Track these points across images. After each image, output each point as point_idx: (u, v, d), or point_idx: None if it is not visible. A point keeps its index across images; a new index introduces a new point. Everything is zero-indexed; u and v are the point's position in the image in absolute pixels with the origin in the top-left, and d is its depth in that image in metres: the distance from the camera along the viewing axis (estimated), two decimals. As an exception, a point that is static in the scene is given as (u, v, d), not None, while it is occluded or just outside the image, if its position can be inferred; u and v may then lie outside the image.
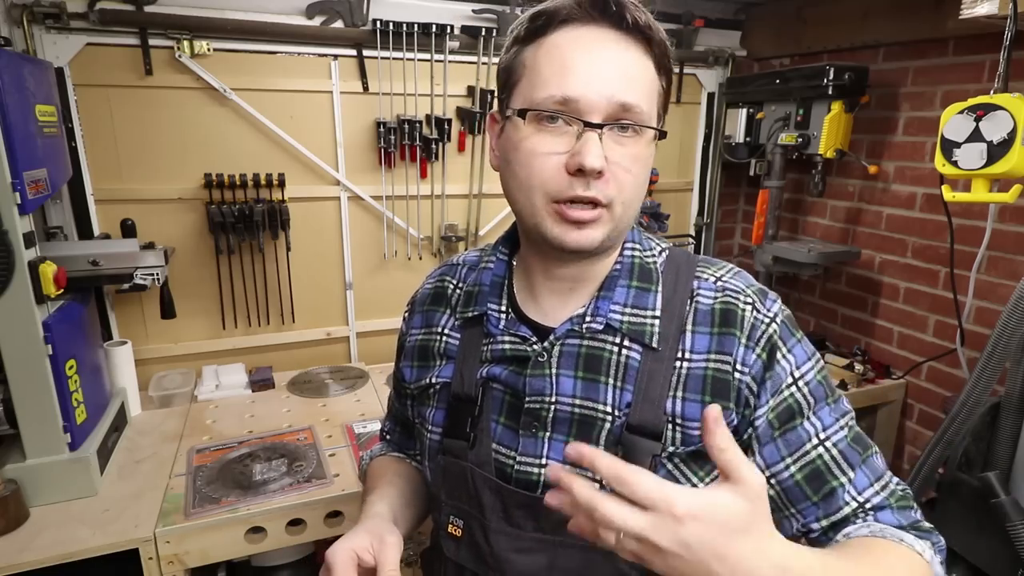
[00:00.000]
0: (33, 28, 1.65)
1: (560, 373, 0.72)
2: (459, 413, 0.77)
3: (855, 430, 0.74)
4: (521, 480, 0.72)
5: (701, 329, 0.71)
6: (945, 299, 1.96)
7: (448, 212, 2.24)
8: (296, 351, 2.17)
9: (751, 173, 2.40)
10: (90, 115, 1.78)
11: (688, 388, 0.70)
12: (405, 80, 2.03)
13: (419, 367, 0.85)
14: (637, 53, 0.66)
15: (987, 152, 1.31)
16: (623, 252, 0.76)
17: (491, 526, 0.72)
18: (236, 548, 1.36)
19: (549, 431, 0.72)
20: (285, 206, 1.95)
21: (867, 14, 2.05)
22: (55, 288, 1.30)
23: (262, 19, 1.87)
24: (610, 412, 0.70)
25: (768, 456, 0.71)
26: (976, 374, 1.34)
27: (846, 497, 0.70)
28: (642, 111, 0.65)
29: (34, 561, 1.20)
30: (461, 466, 0.75)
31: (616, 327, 0.72)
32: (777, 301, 0.74)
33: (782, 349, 0.71)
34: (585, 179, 0.64)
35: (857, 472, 0.71)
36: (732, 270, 0.77)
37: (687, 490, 0.49)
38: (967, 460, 1.42)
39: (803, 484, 0.70)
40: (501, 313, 0.77)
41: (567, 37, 0.65)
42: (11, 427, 1.32)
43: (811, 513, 0.71)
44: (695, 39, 2.44)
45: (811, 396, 0.71)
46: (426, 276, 0.93)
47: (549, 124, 0.65)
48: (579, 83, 0.63)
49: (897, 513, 0.71)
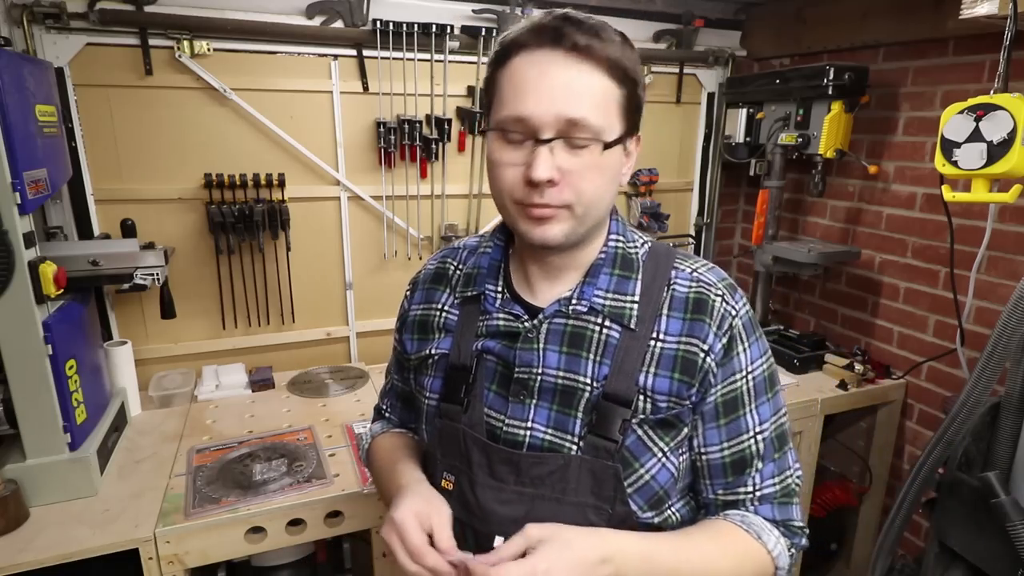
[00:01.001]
0: (33, 28, 1.65)
1: (547, 348, 0.81)
2: (455, 381, 0.86)
3: (783, 427, 0.84)
4: (508, 440, 0.81)
5: (675, 314, 0.80)
6: (945, 299, 1.96)
7: (448, 212, 2.24)
8: (296, 351, 2.17)
9: (751, 173, 2.40)
10: (90, 115, 1.78)
11: (660, 365, 0.79)
12: (405, 80, 2.03)
13: (419, 339, 0.93)
14: (586, 69, 0.72)
15: (987, 152, 1.31)
16: (607, 243, 0.84)
17: (478, 480, 0.81)
18: (236, 548, 1.36)
19: (535, 398, 0.81)
20: (285, 206, 1.95)
21: (867, 14, 2.05)
22: (55, 288, 1.30)
23: (262, 19, 1.87)
24: (589, 383, 0.79)
25: (708, 437, 0.82)
26: (976, 374, 1.33)
27: (750, 484, 0.82)
28: (590, 124, 0.71)
29: (34, 561, 1.20)
30: (455, 428, 0.84)
31: (599, 309, 0.81)
32: (744, 298, 0.83)
33: (744, 342, 0.81)
34: (540, 188, 0.72)
35: (768, 465, 0.82)
36: (707, 265, 0.85)
37: (529, 561, 0.66)
38: (967, 460, 1.42)
39: (727, 466, 0.82)
40: (497, 293, 0.86)
41: (524, 62, 0.73)
42: (11, 427, 1.32)
43: (720, 487, 0.83)
44: (695, 39, 2.44)
45: (755, 390, 0.81)
46: (428, 258, 1.01)
47: (511, 138, 0.74)
48: (530, 103, 0.71)
49: (776, 508, 0.83)
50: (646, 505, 0.80)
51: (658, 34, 2.39)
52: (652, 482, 0.79)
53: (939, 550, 1.47)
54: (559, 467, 0.78)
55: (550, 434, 0.79)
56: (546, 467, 0.78)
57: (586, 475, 0.77)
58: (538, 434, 0.80)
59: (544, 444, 0.79)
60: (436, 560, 0.71)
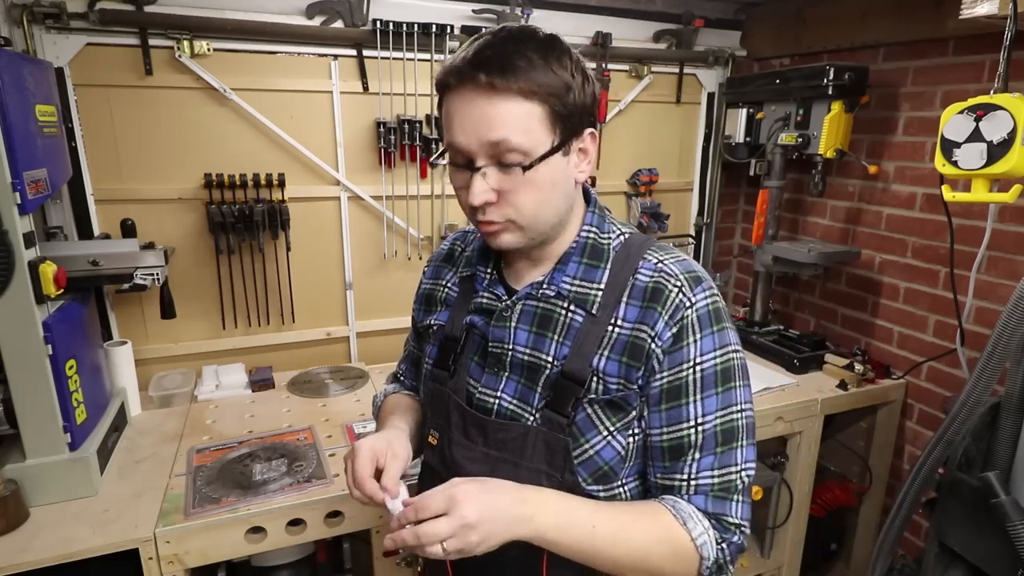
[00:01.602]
0: (33, 28, 1.65)
1: (518, 327, 0.89)
2: (446, 350, 0.96)
3: (732, 423, 0.85)
4: (480, 406, 0.90)
5: (634, 302, 0.85)
6: (945, 299, 1.96)
7: (448, 212, 2.24)
8: (296, 351, 2.17)
9: (751, 173, 2.40)
10: (90, 115, 1.78)
11: (613, 349, 0.84)
12: (405, 80, 2.03)
13: (425, 311, 1.04)
14: (497, 100, 0.76)
15: (987, 152, 1.31)
16: (580, 234, 0.90)
17: (454, 439, 0.91)
18: (236, 548, 1.36)
19: (507, 372, 0.89)
20: (285, 206, 1.95)
21: (867, 14, 2.05)
22: (55, 288, 1.30)
23: (262, 19, 1.87)
24: (551, 361, 0.86)
25: (650, 420, 0.86)
26: (976, 374, 1.33)
27: (685, 471, 0.85)
28: (512, 143, 0.77)
29: (34, 561, 1.20)
30: (442, 391, 0.94)
31: (565, 294, 0.87)
32: (707, 291, 0.85)
33: (695, 334, 0.83)
34: (480, 209, 0.81)
35: (707, 456, 0.84)
36: (677, 257, 0.88)
37: (448, 490, 0.73)
38: (967, 460, 1.42)
39: (665, 451, 0.86)
40: (486, 274, 0.95)
41: (450, 100, 0.80)
42: (11, 427, 1.32)
43: (659, 470, 0.87)
44: (695, 39, 2.44)
45: (702, 382, 0.83)
46: (447, 238, 1.11)
47: (457, 163, 0.82)
48: (459, 134, 0.79)
49: (711, 500, 0.85)
50: (591, 478, 0.86)
51: (658, 34, 2.40)
52: (596, 457, 0.85)
53: (939, 550, 1.47)
54: (519, 435, 0.86)
55: (515, 404, 0.88)
56: (509, 434, 0.87)
57: (541, 444, 0.85)
58: (505, 403, 0.88)
59: (508, 413, 0.88)
60: (373, 489, 0.83)
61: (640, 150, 2.52)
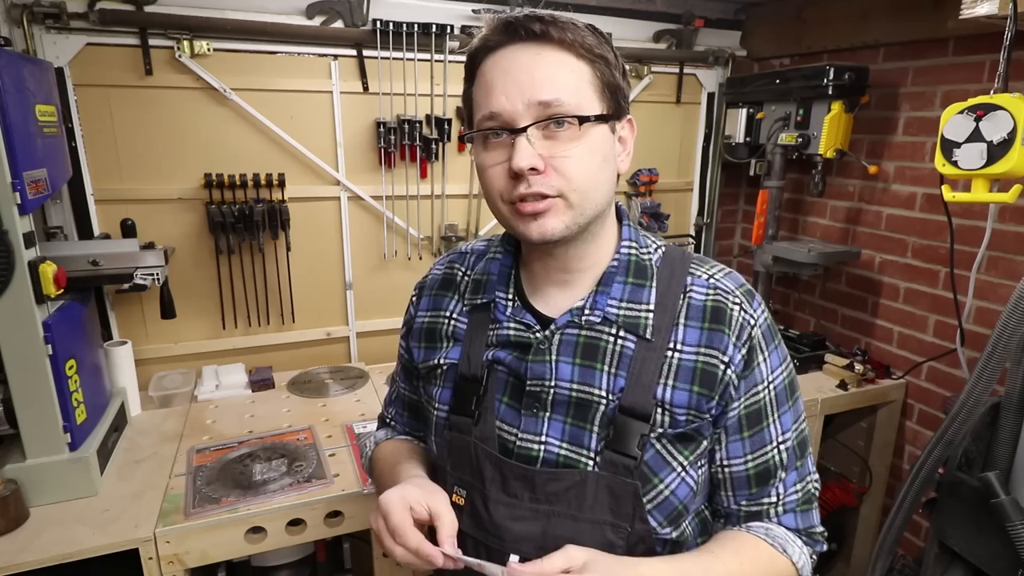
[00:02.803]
0: (33, 28, 1.65)
1: (559, 360, 0.78)
2: (465, 392, 0.84)
3: (803, 433, 0.84)
4: (522, 455, 0.79)
5: (693, 323, 0.78)
6: (945, 299, 1.96)
7: (448, 212, 2.24)
8: (296, 351, 2.17)
9: (751, 173, 2.40)
10: (90, 115, 1.78)
11: (678, 377, 0.76)
12: (405, 80, 2.03)
13: (427, 348, 0.91)
14: (551, 54, 0.71)
15: (987, 152, 1.31)
16: (620, 249, 0.82)
17: (491, 496, 0.79)
18: (236, 548, 1.36)
19: (548, 411, 0.79)
20: (285, 206, 1.95)
21: (867, 14, 2.05)
22: (55, 288, 1.30)
23: (262, 19, 1.87)
24: (604, 396, 0.77)
25: (732, 450, 0.80)
26: (976, 374, 1.33)
27: (773, 494, 0.81)
28: (564, 103, 0.70)
29: (34, 561, 1.20)
30: (466, 440, 0.82)
31: (613, 319, 0.78)
32: (762, 304, 0.81)
33: (763, 352, 0.79)
34: (525, 178, 0.71)
35: (791, 473, 0.82)
36: (724, 270, 0.83)
37: (577, 554, 0.67)
38: (967, 460, 1.42)
39: (752, 478, 0.81)
40: (508, 301, 0.84)
41: (490, 64, 0.74)
42: (11, 427, 1.32)
43: (743, 498, 0.82)
44: (695, 39, 2.44)
45: (777, 399, 0.80)
46: (435, 262, 0.98)
47: (492, 140, 0.74)
48: (500, 97, 0.71)
49: (799, 516, 0.82)
50: (665, 521, 0.78)
51: (658, 34, 2.39)
52: (672, 497, 0.77)
53: (939, 550, 1.47)
54: (575, 483, 0.76)
55: (565, 448, 0.77)
56: (562, 483, 0.76)
57: (604, 492, 0.76)
58: (553, 448, 0.78)
59: (559, 459, 0.77)
60: (420, 542, 0.69)
61: (640, 150, 2.50)
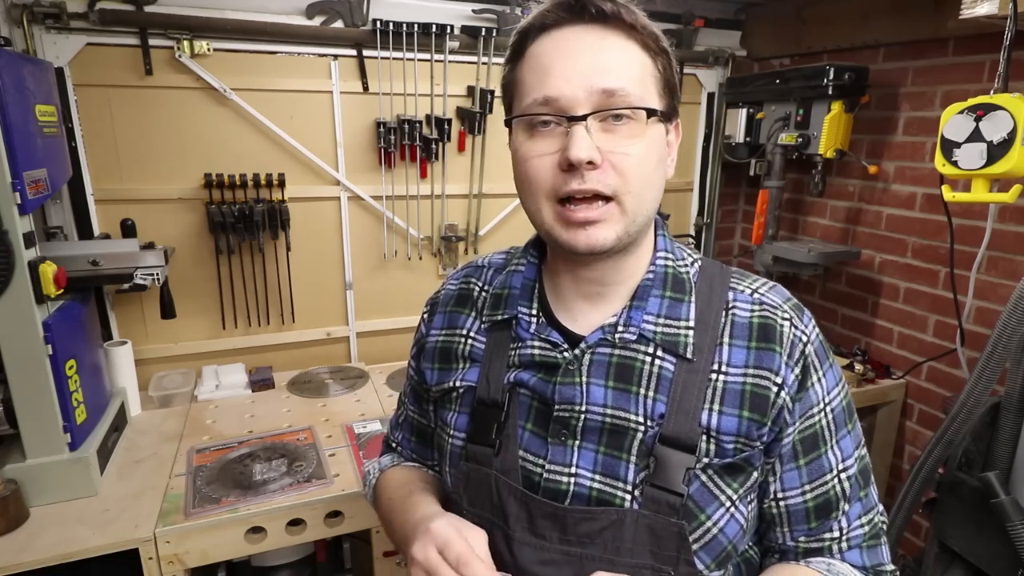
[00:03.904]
0: (33, 28, 1.65)
1: (591, 382, 0.70)
2: (484, 418, 0.75)
3: (865, 460, 0.75)
4: (549, 489, 0.70)
5: (738, 343, 0.70)
6: (945, 299, 1.96)
7: (448, 212, 2.24)
8: (296, 351, 2.17)
9: (751, 173, 2.40)
10: (90, 115, 1.78)
11: (725, 402, 0.68)
12: (405, 80, 2.03)
13: (440, 369, 0.82)
14: (617, 40, 0.65)
15: (987, 152, 1.31)
16: (655, 261, 0.75)
17: (515, 536, 0.70)
18: (236, 548, 1.36)
19: (579, 440, 0.70)
20: (285, 206, 1.95)
21: (867, 14, 2.05)
22: (55, 288, 1.30)
23: (262, 19, 1.87)
24: (642, 422, 0.69)
25: (788, 481, 0.72)
26: (976, 374, 1.33)
27: (836, 528, 0.73)
28: (629, 94, 0.64)
29: (34, 561, 1.20)
30: (485, 473, 0.74)
31: (649, 337, 0.71)
32: (812, 319, 0.74)
33: (818, 371, 0.71)
34: (579, 173, 0.64)
35: (854, 505, 0.73)
36: (768, 283, 0.76)
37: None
38: (967, 460, 1.42)
39: (811, 511, 0.72)
40: (532, 317, 0.76)
41: (545, 44, 0.67)
42: (11, 427, 1.32)
43: (801, 533, 0.74)
44: (695, 39, 2.44)
45: (835, 423, 0.72)
46: (448, 276, 0.91)
47: (540, 128, 0.66)
48: (558, 81, 0.64)
49: (866, 553, 0.74)
50: (713, 563, 0.69)
51: (658, 34, 2.39)
52: (720, 536, 0.69)
53: (939, 550, 1.47)
54: (612, 523, 0.67)
55: (598, 481, 0.69)
56: (597, 523, 0.67)
57: (644, 532, 0.67)
58: (584, 482, 0.69)
59: (592, 493, 0.69)
60: (488, 571, 0.62)
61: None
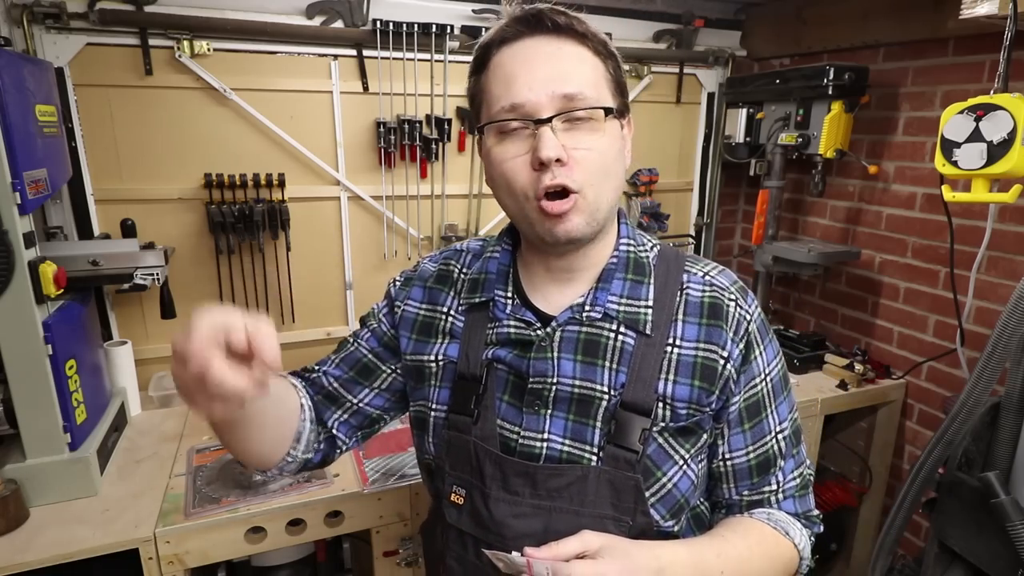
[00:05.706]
0: (33, 28, 1.65)
1: (561, 356, 0.79)
2: (465, 391, 0.83)
3: (797, 422, 0.87)
4: (524, 453, 0.79)
5: (691, 319, 0.80)
6: (945, 299, 1.96)
7: (448, 212, 2.24)
8: (296, 351, 2.17)
9: (751, 173, 2.40)
10: (90, 115, 1.78)
11: (679, 372, 0.78)
12: (405, 80, 2.03)
13: (418, 340, 0.90)
14: (572, 48, 0.73)
15: (987, 152, 1.31)
16: (619, 247, 0.83)
17: (491, 494, 0.79)
18: (236, 548, 1.36)
19: (550, 409, 0.79)
20: (285, 206, 1.95)
21: (867, 14, 2.05)
22: (55, 288, 1.30)
23: (262, 19, 1.87)
24: (606, 391, 0.78)
25: (734, 443, 0.83)
26: (976, 374, 1.33)
27: (774, 482, 0.85)
28: (587, 96, 0.72)
29: (34, 561, 1.20)
30: (465, 440, 0.82)
31: (613, 315, 0.79)
32: (755, 300, 0.85)
33: (759, 346, 0.82)
34: (549, 170, 0.71)
35: (788, 461, 0.85)
36: (717, 268, 0.86)
37: (592, 539, 0.69)
38: (967, 460, 1.42)
39: (753, 469, 0.84)
40: (507, 299, 0.84)
41: (507, 55, 0.74)
42: (11, 427, 1.32)
43: (744, 488, 0.85)
44: (695, 39, 2.44)
45: (774, 391, 0.83)
46: (425, 256, 0.98)
47: (510, 133, 0.74)
48: (523, 89, 0.72)
49: (797, 501, 0.86)
50: (668, 514, 0.79)
51: (658, 34, 2.39)
52: (674, 490, 0.79)
53: (939, 550, 1.47)
54: (577, 479, 0.76)
55: (568, 445, 0.78)
56: (564, 479, 0.76)
57: (605, 486, 0.76)
58: (555, 445, 0.78)
59: (562, 455, 0.78)
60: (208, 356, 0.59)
61: (640, 150, 2.51)
